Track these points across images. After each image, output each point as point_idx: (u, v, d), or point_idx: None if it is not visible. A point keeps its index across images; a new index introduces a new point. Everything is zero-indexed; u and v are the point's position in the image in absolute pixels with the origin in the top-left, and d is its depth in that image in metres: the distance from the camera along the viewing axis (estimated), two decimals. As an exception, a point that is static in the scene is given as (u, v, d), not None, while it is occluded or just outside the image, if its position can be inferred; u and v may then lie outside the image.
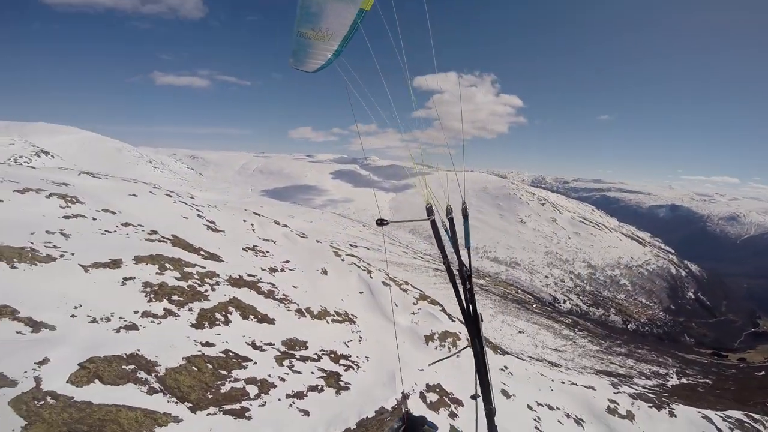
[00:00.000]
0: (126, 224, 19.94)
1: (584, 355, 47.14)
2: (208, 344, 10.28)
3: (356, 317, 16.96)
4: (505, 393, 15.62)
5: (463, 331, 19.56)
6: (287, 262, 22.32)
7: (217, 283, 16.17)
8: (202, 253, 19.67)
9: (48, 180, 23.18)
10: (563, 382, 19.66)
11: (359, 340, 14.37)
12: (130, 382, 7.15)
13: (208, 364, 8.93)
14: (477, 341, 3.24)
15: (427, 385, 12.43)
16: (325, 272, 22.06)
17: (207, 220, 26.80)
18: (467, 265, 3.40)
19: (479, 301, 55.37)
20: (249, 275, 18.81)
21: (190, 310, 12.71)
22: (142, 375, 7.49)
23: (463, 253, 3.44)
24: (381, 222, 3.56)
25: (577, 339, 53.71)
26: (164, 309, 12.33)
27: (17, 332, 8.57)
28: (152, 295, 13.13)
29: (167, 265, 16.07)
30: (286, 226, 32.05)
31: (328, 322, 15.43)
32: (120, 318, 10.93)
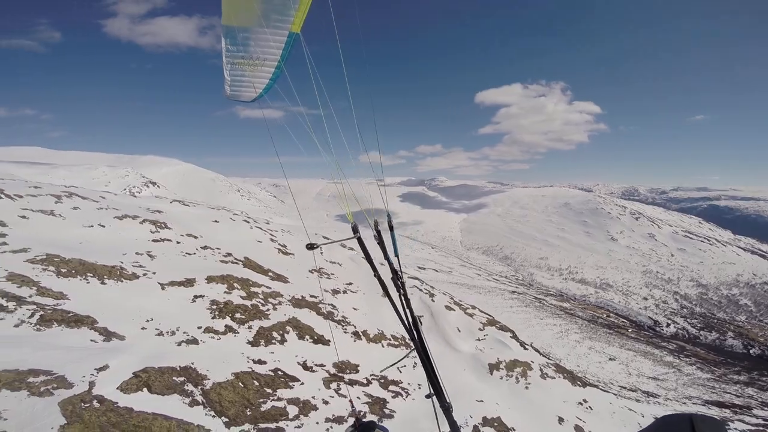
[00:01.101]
0: (205, 247, 21.74)
1: (690, 384, 40.48)
2: (260, 362, 10.47)
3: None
4: (579, 431, 13.64)
5: (536, 359, 17.82)
6: (350, 284, 22.51)
7: (280, 303, 16.72)
8: (270, 274, 20.63)
9: (144, 208, 26.19)
10: (657, 417, 16.78)
11: (414, 366, 13.69)
12: (176, 393, 7.43)
13: (255, 381, 9.05)
14: (419, 344, 3.40)
15: (484, 419, 11.29)
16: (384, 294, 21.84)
17: (279, 244, 28.34)
18: (399, 272, 3.62)
19: (564, 325, 50.77)
20: (311, 296, 19.24)
21: (250, 327, 13.18)
22: (189, 387, 7.78)
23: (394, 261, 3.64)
24: (311, 246, 3.75)
25: (683, 366, 46.44)
26: (225, 326, 12.94)
27: (91, 340, 9.51)
28: (217, 313, 13.91)
29: (235, 284, 17.03)
30: (351, 249, 32.69)
31: (383, 346, 15.00)
32: (184, 332, 11.67)
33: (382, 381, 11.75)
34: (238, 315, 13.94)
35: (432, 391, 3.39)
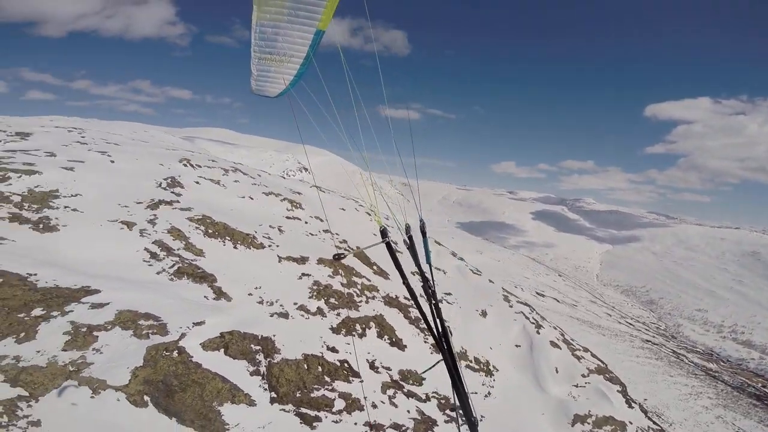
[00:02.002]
0: (326, 231, 23.56)
1: None
2: (333, 349, 10.83)
3: (497, 371, 14.81)
4: None
5: (636, 420, 14.50)
6: (448, 294, 21.76)
7: (373, 298, 17.10)
8: (374, 267, 21.28)
9: (288, 188, 29.58)
10: None
11: (485, 396, 12.41)
12: (246, 360, 8.17)
13: (319, 367, 9.38)
14: (449, 356, 3.24)
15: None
16: (484, 314, 20.37)
17: (392, 241, 29.12)
18: (431, 280, 3.44)
19: (698, 387, 40.45)
20: (405, 298, 19.19)
21: (338, 314, 13.78)
22: (260, 357, 8.47)
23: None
24: (337, 257, 3.65)
25: None
26: (317, 307, 13.78)
27: (204, 296, 11.14)
28: (315, 293, 14.91)
29: (341, 271, 18.03)
30: (462, 259, 31.59)
31: (461, 366, 14.00)
32: (280, 305, 12.81)
33: (443, 402, 10.96)
34: (332, 300, 14.70)
35: (457, 403, 3.26)
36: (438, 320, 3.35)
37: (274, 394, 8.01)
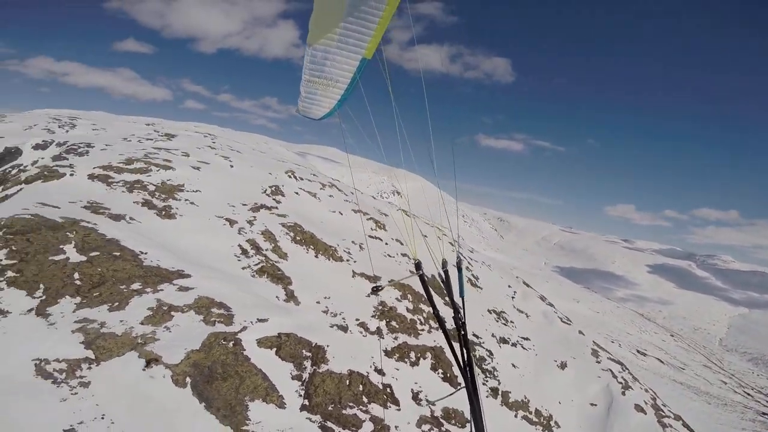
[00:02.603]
0: (404, 254, 23.34)
1: None
2: (380, 371, 10.30)
3: (558, 427, 12.51)
4: None
5: None
6: (526, 339, 19.56)
7: (437, 329, 16.13)
8: (446, 299, 20.28)
9: (377, 209, 30.19)
10: None
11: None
12: (293, 363, 8.12)
13: (360, 386, 8.92)
14: (471, 386, 3.34)
15: None
16: (563, 366, 17.78)
17: (472, 275, 27.61)
18: (462, 312, 3.54)
19: None
20: (475, 335, 17.73)
21: (396, 338, 13.22)
22: (307, 364, 8.36)
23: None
24: (375, 289, 4.00)
25: None
26: (377, 327, 13.41)
27: (276, 296, 11.59)
28: (379, 313, 14.60)
29: (409, 296, 17.49)
30: (551, 305, 28.46)
31: (516, 416, 12.16)
32: (342, 318, 12.74)
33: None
34: (393, 323, 14.21)
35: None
36: (465, 350, 3.42)
37: (306, 402, 7.80)
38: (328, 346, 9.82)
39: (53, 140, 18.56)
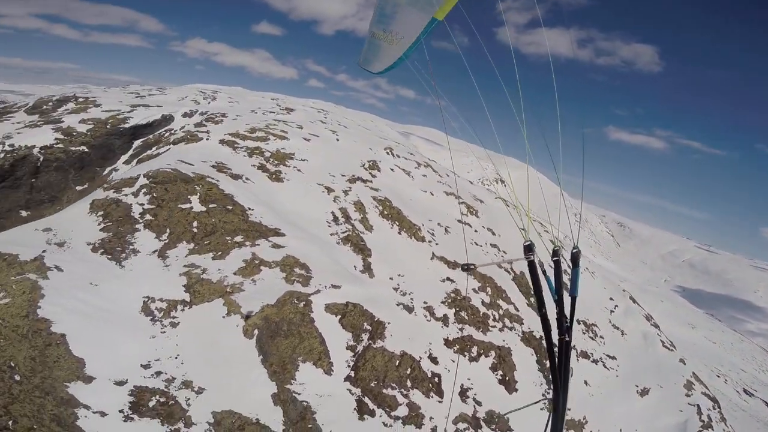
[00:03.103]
0: (494, 245, 22.10)
1: None
2: (434, 360, 10.07)
3: None
4: None
5: None
6: (612, 358, 17.10)
7: (511, 329, 15.01)
8: (531, 299, 18.78)
9: (472, 194, 28.94)
10: None
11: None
12: (352, 333, 8.40)
13: (409, 369, 8.84)
14: (561, 396, 3.02)
15: None
16: (644, 392, 15.26)
17: (569, 279, 24.96)
18: (567, 314, 3.12)
19: None
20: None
21: (461, 329, 12.73)
22: (364, 336, 8.57)
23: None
24: (467, 267, 3.26)
25: None
26: (444, 314, 13.03)
27: (354, 266, 12.05)
28: (450, 301, 14.16)
29: (489, 289, 16.61)
30: (656, 326, 24.32)
31: None
32: (411, 298, 12.69)
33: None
34: (462, 313, 13.66)
35: None
36: (564, 357, 3.03)
37: (352, 374, 8.05)
38: (389, 323, 9.94)
39: (197, 110, 21.87)
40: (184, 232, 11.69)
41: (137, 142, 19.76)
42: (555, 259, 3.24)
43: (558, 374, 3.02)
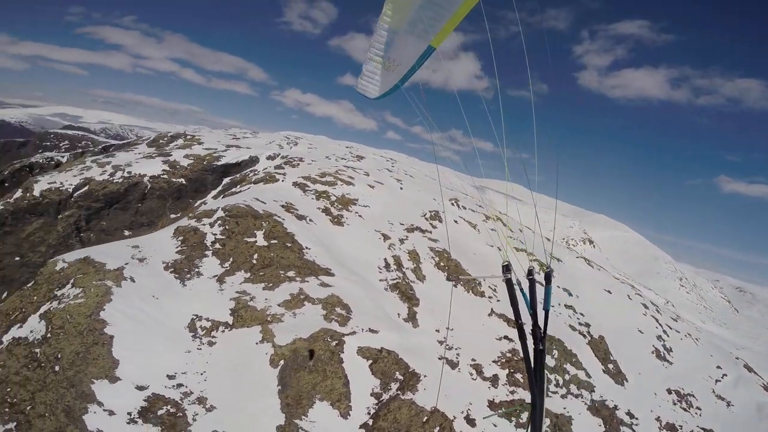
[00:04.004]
0: (569, 306, 20.02)
1: None
2: (471, 422, 8.92)
3: None
4: None
5: None
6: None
7: (577, 396, 12.99)
8: (611, 365, 16.22)
9: (548, 252, 26.94)
10: None
11: None
12: (380, 380, 7.91)
13: (437, 428, 7.87)
14: (538, 399, 3.29)
15: None
16: None
17: (664, 345, 21.28)
18: (542, 327, 3.42)
19: None
20: (629, 414, 13.45)
21: (512, 392, 11.29)
22: (393, 386, 8.00)
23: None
24: (453, 279, 4.88)
25: None
26: (494, 374, 11.76)
27: (398, 313, 11.69)
28: (503, 361, 12.82)
29: (555, 351, 14.84)
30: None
31: None
32: (457, 354, 11.76)
33: None
34: (517, 375, 12.23)
35: None
36: (539, 365, 3.34)
37: (370, 422, 7.40)
38: (425, 376, 9.23)
39: (280, 153, 24.30)
40: (244, 262, 12.61)
41: (226, 180, 22.40)
42: (530, 278, 3.54)
43: (533, 380, 3.28)
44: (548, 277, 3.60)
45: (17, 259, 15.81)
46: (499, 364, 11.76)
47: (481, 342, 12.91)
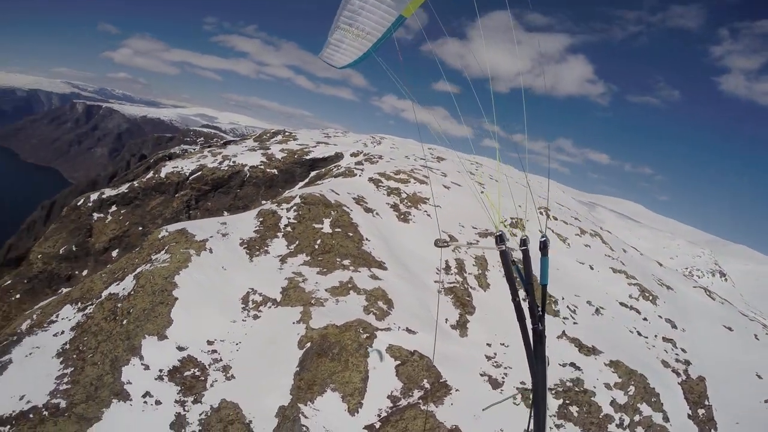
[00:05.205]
0: (667, 339, 16.98)
1: None
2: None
3: None
4: None
5: None
6: None
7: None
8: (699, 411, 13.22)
9: (656, 278, 23.08)
10: None
11: None
12: (403, 384, 7.65)
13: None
14: (540, 387, 3.10)
15: None
16: None
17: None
18: (540, 303, 3.17)
19: None
20: None
21: (560, 426, 9.89)
22: (415, 393, 7.66)
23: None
24: (441, 243, 3.55)
25: None
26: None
27: (446, 319, 11.23)
28: (561, 391, 11.38)
29: (632, 387, 12.67)
30: None
31: None
32: (504, 373, 10.78)
33: None
34: (573, 408, 10.72)
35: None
36: (539, 346, 3.14)
37: (377, 425, 7.11)
38: (456, 390, 8.65)
39: (362, 151, 25.31)
40: (308, 245, 13.48)
41: (313, 173, 24.18)
42: (523, 248, 3.31)
43: (533, 363, 3.10)
44: (544, 247, 3.33)
45: (140, 228, 19.45)
46: (553, 392, 10.48)
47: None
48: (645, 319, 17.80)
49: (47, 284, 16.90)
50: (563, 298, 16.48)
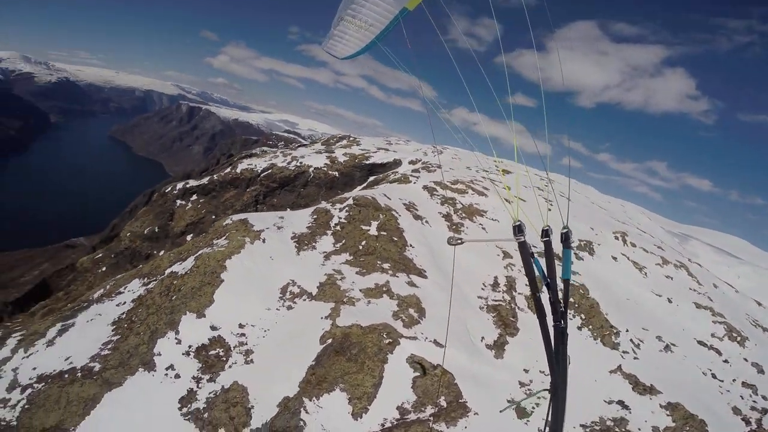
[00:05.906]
0: (750, 386, 14.53)
1: None
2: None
3: None
4: None
5: None
6: None
7: None
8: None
9: (750, 318, 20.09)
10: None
11: None
12: (417, 397, 7.48)
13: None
14: (560, 388, 2.97)
15: None
16: None
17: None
18: (562, 299, 3.01)
19: None
20: None
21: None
22: (429, 408, 7.45)
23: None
24: (454, 241, 3.32)
25: None
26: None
27: (481, 337, 10.83)
28: (599, 429, 10.21)
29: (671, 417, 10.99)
30: None
31: None
32: (536, 400, 10.02)
33: None
34: None
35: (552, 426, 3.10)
36: (561, 346, 2.99)
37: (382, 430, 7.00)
38: (476, 413, 8.20)
39: (421, 159, 25.39)
40: (352, 245, 13.93)
41: (371, 178, 24.86)
42: (545, 239, 3.08)
43: (554, 363, 2.93)
44: (566, 239, 3.16)
45: (213, 216, 21.62)
46: (588, 430, 9.52)
47: (582, 399, 10.68)
48: (726, 361, 15.51)
49: (129, 260, 19.55)
50: (627, 330, 14.98)
